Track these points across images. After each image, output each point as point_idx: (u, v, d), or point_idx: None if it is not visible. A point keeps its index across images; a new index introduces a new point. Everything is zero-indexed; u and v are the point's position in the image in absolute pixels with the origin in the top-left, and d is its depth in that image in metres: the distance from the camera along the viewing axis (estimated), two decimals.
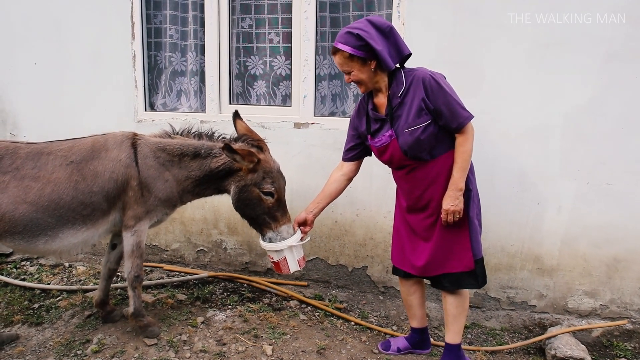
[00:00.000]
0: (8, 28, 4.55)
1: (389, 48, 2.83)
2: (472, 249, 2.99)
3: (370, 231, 4.17)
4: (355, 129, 3.15)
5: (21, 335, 3.59)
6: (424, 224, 3.05)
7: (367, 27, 2.79)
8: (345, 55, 2.82)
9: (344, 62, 2.85)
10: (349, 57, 2.82)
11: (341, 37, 2.83)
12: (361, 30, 2.77)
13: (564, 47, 3.55)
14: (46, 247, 3.13)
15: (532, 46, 3.61)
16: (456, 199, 2.88)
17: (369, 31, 2.77)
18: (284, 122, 4.18)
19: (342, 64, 2.86)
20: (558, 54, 3.57)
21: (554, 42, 3.56)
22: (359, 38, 2.76)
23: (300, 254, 3.35)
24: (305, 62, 4.05)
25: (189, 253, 4.61)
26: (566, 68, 3.57)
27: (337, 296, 4.18)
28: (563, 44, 3.55)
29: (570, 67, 3.57)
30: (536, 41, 3.59)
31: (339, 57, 2.86)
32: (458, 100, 2.83)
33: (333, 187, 3.29)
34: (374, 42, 2.75)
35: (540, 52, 3.60)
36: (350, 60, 2.83)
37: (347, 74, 2.90)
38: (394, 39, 2.84)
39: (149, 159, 3.24)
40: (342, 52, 2.82)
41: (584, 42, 3.52)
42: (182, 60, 4.46)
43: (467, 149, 2.87)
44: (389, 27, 2.83)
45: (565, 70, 3.58)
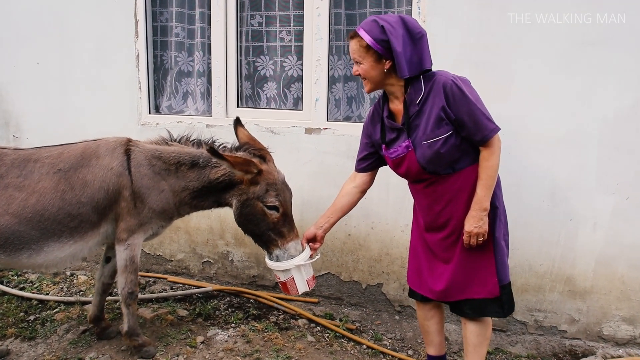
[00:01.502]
0: (11, 27, 4.38)
1: (412, 55, 2.52)
2: (498, 274, 2.68)
3: (386, 246, 3.86)
4: (369, 136, 2.85)
5: (12, 350, 3.40)
6: (444, 244, 2.74)
7: (396, 24, 2.49)
8: (362, 44, 2.53)
9: (358, 49, 2.56)
10: (365, 47, 2.53)
11: (366, 24, 2.54)
12: (388, 24, 2.48)
13: (602, 46, 3.20)
14: (30, 261, 2.91)
15: (566, 45, 3.27)
16: (480, 220, 2.56)
17: (396, 28, 2.48)
18: (294, 127, 3.90)
19: (355, 51, 2.58)
20: (596, 54, 3.22)
21: (591, 40, 3.22)
22: (383, 31, 2.47)
23: (309, 273, 3.06)
24: (317, 62, 3.77)
25: (194, 264, 4.37)
26: (605, 69, 3.23)
27: (350, 315, 3.88)
28: (602, 43, 3.20)
29: (609, 68, 3.22)
30: (571, 39, 3.25)
31: (354, 43, 2.57)
32: (483, 109, 2.52)
33: (345, 200, 2.99)
34: (396, 42, 2.46)
35: (576, 52, 3.26)
36: (366, 51, 2.54)
37: (357, 64, 2.61)
38: (421, 47, 2.54)
39: (143, 167, 3.00)
40: (359, 39, 2.53)
41: (626, 41, 3.16)
42: (189, 60, 4.23)
43: (492, 164, 2.55)
44: (421, 34, 2.53)
45: (604, 72, 3.23)
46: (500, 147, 2.56)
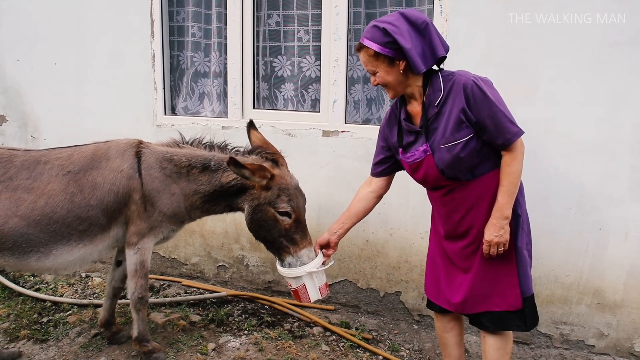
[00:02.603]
0: (29, 27, 4.36)
1: (423, 47, 2.40)
2: (520, 285, 2.53)
3: (405, 253, 3.73)
4: (385, 139, 2.73)
5: (24, 353, 3.37)
6: (463, 254, 2.61)
7: (397, 22, 2.37)
8: (370, 53, 2.41)
9: (368, 60, 2.44)
10: (374, 55, 2.41)
11: (367, 32, 2.42)
12: (389, 24, 2.35)
13: (638, 46, 3.01)
14: (39, 264, 2.87)
15: (597, 45, 3.09)
16: (501, 229, 2.42)
17: (398, 26, 2.35)
18: (311, 130, 3.80)
19: (367, 62, 2.46)
20: (630, 55, 3.04)
21: (625, 40, 3.03)
22: (386, 33, 2.35)
23: (322, 281, 2.95)
24: (335, 63, 3.65)
25: (209, 268, 4.29)
26: (638, 71, 3.03)
27: (366, 324, 3.75)
28: (637, 43, 3.01)
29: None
30: (602, 40, 3.07)
31: (363, 55, 2.46)
32: (506, 112, 2.37)
33: (360, 205, 2.87)
34: (402, 39, 2.33)
35: (608, 52, 3.08)
36: (376, 58, 2.42)
37: (373, 74, 2.49)
38: (430, 36, 2.40)
39: (154, 170, 2.93)
40: (366, 49, 2.42)
41: None
42: (205, 60, 4.15)
43: (515, 170, 2.41)
44: (425, 23, 2.39)
45: (637, 74, 3.04)
46: (524, 152, 2.41)
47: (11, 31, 4.41)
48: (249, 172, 2.74)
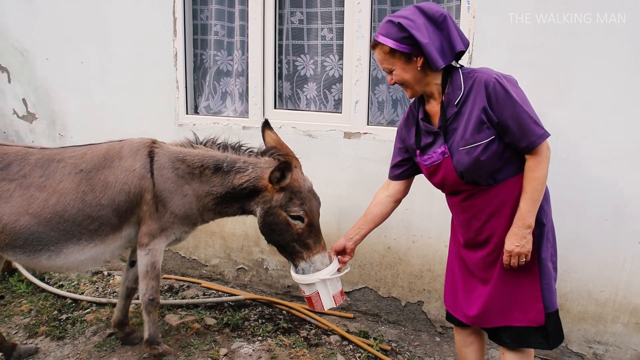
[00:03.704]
0: (57, 26, 4.39)
1: (441, 42, 2.25)
2: (544, 299, 2.35)
3: (429, 261, 3.56)
4: (403, 141, 2.58)
5: (41, 349, 3.39)
6: (483, 264, 2.44)
7: (413, 15, 2.23)
8: (385, 50, 2.27)
9: (383, 58, 2.31)
10: (389, 52, 2.27)
11: (382, 28, 2.29)
12: (405, 18, 2.22)
13: None
14: (50, 263, 2.85)
15: (637, 44, 2.85)
16: (522, 238, 2.25)
17: (415, 20, 2.21)
18: (332, 131, 3.68)
19: (382, 60, 2.32)
20: None
21: None
22: (402, 28, 2.21)
23: (337, 289, 2.83)
24: (358, 62, 3.52)
25: (228, 270, 4.23)
26: None
27: (386, 334, 3.61)
28: None
29: None
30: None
31: (378, 52, 2.32)
32: (531, 112, 2.20)
33: (377, 210, 2.73)
34: (419, 34, 2.19)
35: None
36: (391, 56, 2.28)
37: (389, 72, 2.35)
38: (448, 30, 2.25)
39: (166, 170, 2.88)
40: (381, 46, 2.29)
41: None
42: (228, 59, 4.09)
43: (539, 176, 2.23)
44: (443, 16, 2.24)
45: None
46: (550, 156, 2.23)
47: (42, 30, 4.46)
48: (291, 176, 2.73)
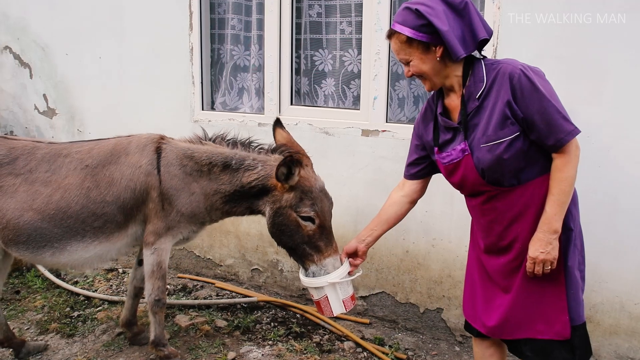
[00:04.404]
0: (76, 21, 4.37)
1: (462, 30, 2.09)
2: (569, 311, 2.15)
3: (449, 266, 3.38)
4: (420, 137, 2.42)
5: (50, 346, 3.34)
6: (504, 270, 2.26)
7: (432, 2, 2.07)
8: (402, 39, 2.12)
9: (400, 47, 2.15)
10: (406, 42, 2.11)
11: (398, 16, 2.14)
12: (423, 5, 2.06)
13: None
14: (53, 260, 2.79)
15: None
16: (548, 244, 2.07)
17: (433, 6, 2.05)
18: (350, 129, 3.53)
19: (399, 50, 2.16)
20: None
21: None
22: (420, 15, 2.05)
23: (347, 293, 2.67)
24: (376, 56, 3.37)
25: (243, 271, 4.12)
26: None
27: (403, 341, 3.44)
28: None
29: None
30: None
31: (394, 42, 2.16)
32: (559, 107, 2.01)
33: (391, 211, 2.56)
34: (438, 21, 2.03)
35: None
36: (408, 45, 2.12)
37: (406, 64, 2.19)
38: (470, 17, 2.09)
39: (173, 167, 2.78)
40: (397, 35, 2.13)
41: None
42: (245, 54, 3.98)
43: (567, 176, 2.04)
44: (464, 2, 2.08)
45: None
46: (579, 155, 2.05)
47: (62, 25, 4.44)
48: (299, 172, 2.59)
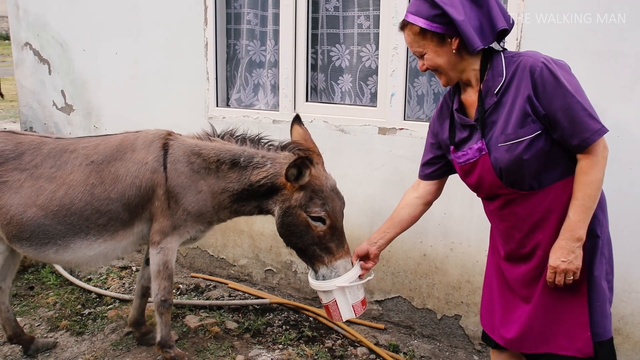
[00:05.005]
0: (93, 17, 4.34)
1: (480, 20, 1.95)
2: (595, 325, 1.99)
3: (468, 271, 3.23)
4: (435, 135, 2.28)
5: (59, 344, 3.31)
6: (525, 279, 2.11)
7: None
8: (415, 31, 1.98)
9: (413, 39, 2.01)
10: (420, 33, 1.98)
11: (411, 6, 2.01)
12: None
13: None
14: (57, 257, 2.74)
15: None
16: (570, 253, 1.91)
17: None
18: (366, 126, 3.40)
19: (412, 42, 2.03)
20: None
21: None
22: (433, 5, 1.92)
23: (357, 297, 2.54)
24: (394, 51, 3.23)
25: (256, 272, 4.03)
26: None
27: (419, 348, 3.30)
28: None
29: None
30: None
31: (407, 34, 2.03)
32: (585, 104, 1.86)
33: (404, 212, 2.42)
34: (453, 10, 1.89)
35: None
36: (422, 37, 1.99)
37: (420, 57, 2.05)
38: (488, 6, 1.95)
39: (180, 164, 2.70)
40: (410, 26, 2.00)
41: None
42: (261, 49, 3.88)
43: (593, 179, 1.88)
44: None
45: None
46: (607, 157, 1.89)
47: (79, 21, 4.42)
48: (309, 173, 2.49)
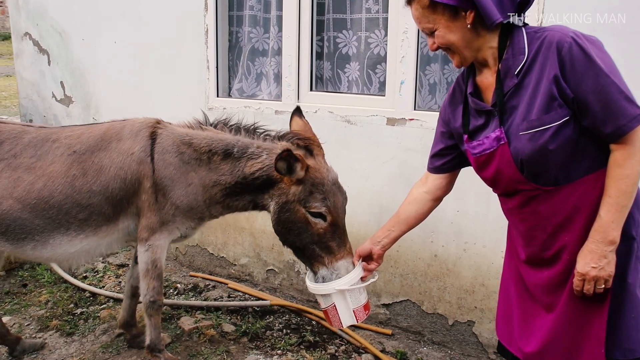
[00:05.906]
0: (92, 5, 4.19)
1: None
2: (629, 341, 1.75)
3: (482, 274, 2.98)
4: (447, 123, 2.03)
5: (48, 344, 3.14)
6: (548, 285, 1.86)
7: None
8: (424, 4, 1.74)
9: (422, 14, 1.76)
10: (429, 7, 1.73)
11: None
12: None
13: None
14: (35, 253, 2.56)
15: None
16: (602, 258, 1.67)
17: None
18: (374, 117, 3.17)
19: (420, 17, 1.78)
20: None
21: None
22: None
23: (359, 302, 2.30)
24: (404, 35, 3.00)
25: (258, 271, 3.82)
26: None
27: (428, 356, 3.06)
28: None
29: None
30: None
31: (415, 7, 1.78)
32: (621, 85, 1.60)
33: (411, 209, 2.18)
34: None
35: None
36: (432, 11, 1.74)
37: (429, 34, 1.80)
38: None
39: (169, 155, 2.50)
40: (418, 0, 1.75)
41: None
42: (264, 37, 3.67)
43: (629, 173, 1.63)
44: None
45: None
46: None
47: (79, 10, 4.28)
48: (301, 167, 2.27)
